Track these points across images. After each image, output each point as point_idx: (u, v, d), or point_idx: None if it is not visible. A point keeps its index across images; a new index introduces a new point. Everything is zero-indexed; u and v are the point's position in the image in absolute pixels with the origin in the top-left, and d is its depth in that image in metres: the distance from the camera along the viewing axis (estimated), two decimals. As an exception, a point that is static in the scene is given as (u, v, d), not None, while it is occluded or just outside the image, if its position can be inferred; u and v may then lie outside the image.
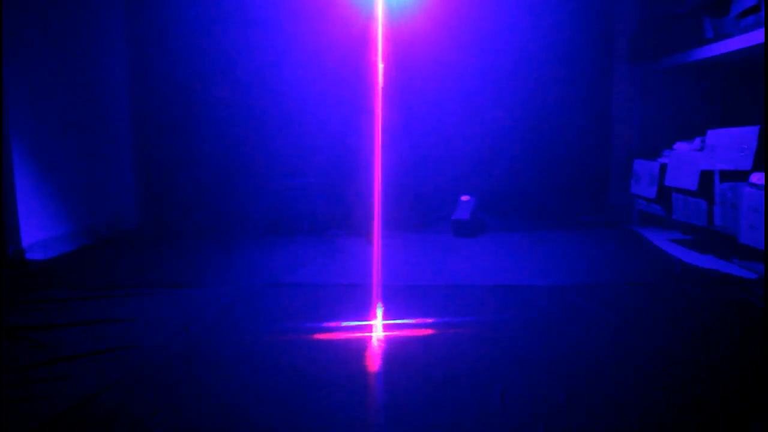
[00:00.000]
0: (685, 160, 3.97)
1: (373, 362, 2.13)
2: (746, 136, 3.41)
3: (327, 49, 4.83)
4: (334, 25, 4.71)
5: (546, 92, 5.08)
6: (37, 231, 3.97)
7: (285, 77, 4.92)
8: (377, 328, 2.48)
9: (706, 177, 3.71)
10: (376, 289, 2.70)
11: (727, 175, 3.52)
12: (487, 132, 5.12)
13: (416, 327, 2.49)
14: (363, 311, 2.73)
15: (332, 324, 2.56)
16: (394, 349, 2.24)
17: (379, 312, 2.68)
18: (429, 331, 2.43)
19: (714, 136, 3.73)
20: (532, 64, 5.02)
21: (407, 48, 4.60)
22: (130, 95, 5.12)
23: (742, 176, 3.40)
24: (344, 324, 2.55)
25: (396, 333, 2.42)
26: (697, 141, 4.05)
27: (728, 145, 3.54)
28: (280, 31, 4.90)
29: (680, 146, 4.24)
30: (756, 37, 3.40)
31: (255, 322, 2.59)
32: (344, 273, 3.49)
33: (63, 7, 4.36)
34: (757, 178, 3.22)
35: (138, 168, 5.22)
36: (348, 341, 2.34)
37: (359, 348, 2.27)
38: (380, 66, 2.56)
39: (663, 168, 4.26)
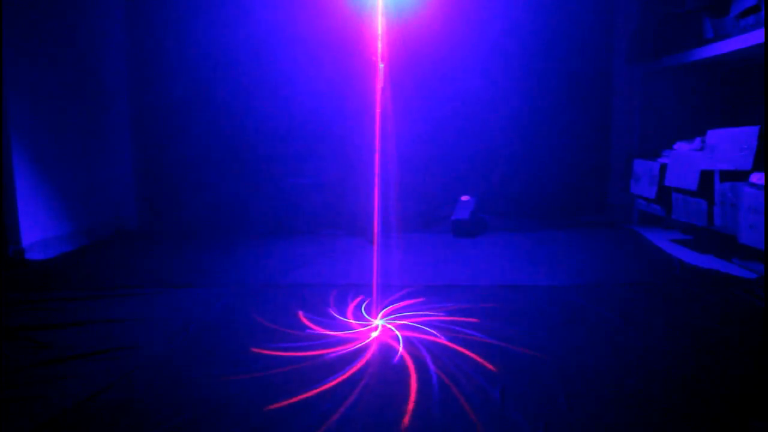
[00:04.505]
0: (685, 160, 3.97)
1: (373, 361, 2.12)
2: (746, 136, 3.41)
3: (327, 49, 4.83)
4: (335, 27, 4.71)
5: (546, 92, 5.08)
6: (37, 231, 3.97)
7: (286, 78, 4.93)
8: (377, 328, 2.49)
9: (706, 177, 3.71)
10: (376, 289, 2.70)
11: (727, 175, 3.52)
12: (487, 132, 5.12)
13: (416, 327, 2.49)
14: (363, 310, 2.73)
15: (332, 323, 2.56)
16: (393, 349, 2.24)
17: (379, 312, 2.68)
18: (429, 331, 2.43)
19: (714, 136, 3.73)
20: (532, 64, 5.02)
21: (405, 49, 4.60)
22: (130, 96, 5.12)
23: (742, 176, 3.40)
24: (345, 323, 2.56)
25: (396, 333, 2.42)
26: (697, 141, 4.05)
27: (728, 145, 3.54)
28: (280, 32, 4.90)
29: (680, 146, 4.24)
30: (756, 37, 3.41)
31: (254, 324, 2.59)
32: (344, 273, 3.49)
33: (63, 8, 4.37)
34: (757, 178, 3.22)
35: (138, 169, 5.22)
36: (348, 340, 2.34)
37: (359, 347, 2.27)
38: (380, 66, 2.56)
39: (663, 168, 4.26)
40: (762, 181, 3.16)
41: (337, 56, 4.80)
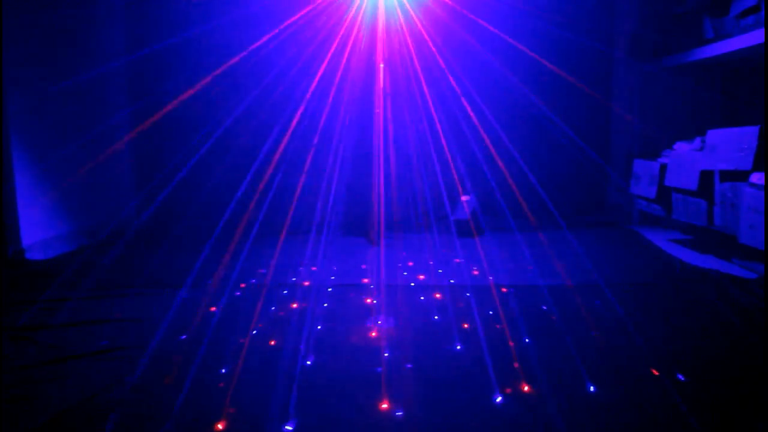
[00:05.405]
0: (685, 160, 3.97)
1: (373, 360, 2.13)
2: (746, 136, 3.41)
3: (326, 48, 4.83)
4: (336, 27, 4.70)
5: (546, 92, 5.09)
6: (37, 231, 3.97)
7: (286, 78, 4.93)
8: (377, 328, 2.48)
9: (706, 177, 3.71)
10: (377, 288, 2.70)
11: (727, 175, 3.52)
12: (487, 132, 5.12)
13: (417, 326, 2.49)
14: (364, 310, 2.73)
15: (333, 324, 2.56)
16: (394, 348, 2.24)
17: (379, 312, 2.68)
18: (430, 333, 2.43)
19: (714, 136, 3.73)
20: (532, 64, 5.02)
21: (404, 49, 4.60)
22: (130, 97, 5.12)
23: (742, 176, 3.40)
24: (345, 323, 2.56)
25: (398, 332, 2.42)
26: (697, 141, 4.05)
27: (728, 145, 3.54)
28: (281, 33, 4.90)
29: (680, 146, 4.24)
30: (756, 37, 3.41)
31: (255, 323, 2.59)
32: (345, 273, 3.49)
33: (63, 9, 4.36)
34: (757, 178, 3.22)
35: (137, 169, 5.22)
36: (348, 340, 2.34)
37: (359, 346, 2.27)
38: (381, 67, 2.56)
39: (663, 168, 4.26)
40: (762, 181, 3.16)
41: (339, 57, 4.80)
